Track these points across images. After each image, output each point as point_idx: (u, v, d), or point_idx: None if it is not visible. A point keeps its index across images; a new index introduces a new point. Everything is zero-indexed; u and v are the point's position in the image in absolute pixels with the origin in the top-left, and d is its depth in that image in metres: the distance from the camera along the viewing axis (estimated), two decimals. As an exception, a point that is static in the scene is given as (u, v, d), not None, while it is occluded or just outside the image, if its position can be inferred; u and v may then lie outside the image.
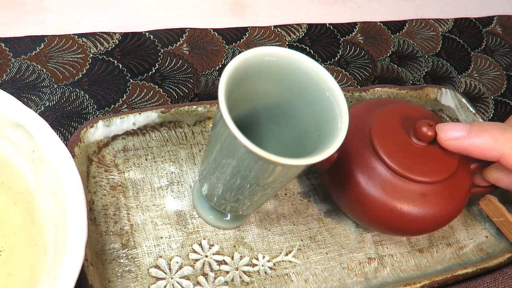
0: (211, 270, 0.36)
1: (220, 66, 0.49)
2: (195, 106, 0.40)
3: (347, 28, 0.57)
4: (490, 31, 0.64)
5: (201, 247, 0.37)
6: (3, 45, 0.43)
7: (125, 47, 0.47)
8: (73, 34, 0.46)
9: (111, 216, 0.36)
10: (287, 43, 0.54)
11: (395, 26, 0.60)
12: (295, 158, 0.26)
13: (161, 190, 0.38)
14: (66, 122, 0.41)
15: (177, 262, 0.36)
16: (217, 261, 0.37)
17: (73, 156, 0.35)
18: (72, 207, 0.27)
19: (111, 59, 0.46)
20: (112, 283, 0.34)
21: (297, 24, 0.55)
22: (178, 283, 0.35)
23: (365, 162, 0.35)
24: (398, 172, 0.34)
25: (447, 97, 0.50)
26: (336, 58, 0.54)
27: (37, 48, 0.44)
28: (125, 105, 0.44)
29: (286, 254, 0.39)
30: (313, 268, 0.39)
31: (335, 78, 0.28)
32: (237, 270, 0.37)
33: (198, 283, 0.36)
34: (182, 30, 0.50)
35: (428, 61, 0.58)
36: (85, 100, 0.43)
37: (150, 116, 0.39)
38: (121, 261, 0.35)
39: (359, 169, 0.35)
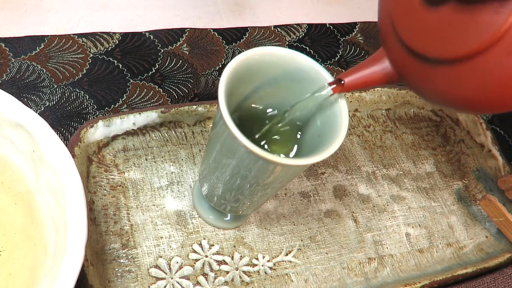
0: (211, 270, 0.36)
1: (220, 66, 0.49)
2: (195, 106, 0.40)
3: (347, 28, 0.57)
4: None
5: (201, 247, 0.37)
6: (3, 45, 0.43)
7: (125, 47, 0.47)
8: (73, 34, 0.46)
9: (111, 216, 0.36)
10: (287, 43, 0.54)
11: (395, 26, 0.59)
12: (295, 158, 0.26)
13: (161, 190, 0.38)
14: (66, 122, 0.41)
15: (177, 262, 0.36)
16: (217, 261, 0.37)
17: (73, 156, 0.35)
18: (72, 207, 0.27)
19: (111, 59, 0.46)
20: (112, 283, 0.34)
21: (297, 24, 0.55)
22: (178, 283, 0.35)
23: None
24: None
25: (447, 97, 0.50)
26: (336, 58, 0.54)
27: (37, 48, 0.44)
28: (125, 105, 0.44)
29: (286, 254, 0.39)
30: (313, 268, 0.39)
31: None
32: (237, 270, 0.37)
33: (198, 283, 0.36)
34: (182, 30, 0.50)
35: (428, 61, 0.58)
36: (85, 100, 0.43)
37: (150, 116, 0.39)
38: (121, 261, 0.35)
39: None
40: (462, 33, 0.22)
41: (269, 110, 0.32)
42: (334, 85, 0.27)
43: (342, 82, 0.27)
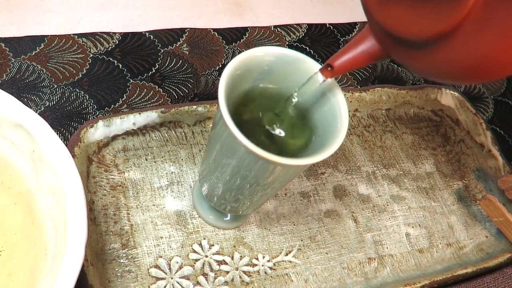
0: (211, 270, 0.36)
1: (220, 66, 0.49)
2: (195, 106, 0.40)
3: (347, 28, 0.57)
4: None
5: (201, 247, 0.37)
6: (3, 45, 0.43)
7: (125, 47, 0.47)
8: (73, 34, 0.46)
9: (111, 216, 0.36)
10: (287, 43, 0.53)
11: (395, 26, 0.59)
12: (295, 158, 0.26)
13: (161, 190, 0.38)
14: (66, 122, 0.41)
15: (177, 262, 0.36)
16: (217, 261, 0.37)
17: (73, 156, 0.35)
18: (72, 207, 0.27)
19: (111, 59, 0.46)
20: (112, 283, 0.34)
21: (297, 24, 0.55)
22: (178, 283, 0.35)
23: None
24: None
25: (447, 97, 0.50)
26: (336, 58, 0.54)
27: (37, 48, 0.44)
28: (125, 105, 0.44)
29: (286, 254, 0.39)
30: (313, 268, 0.39)
31: (335, 78, 0.28)
32: (237, 270, 0.37)
33: (198, 283, 0.36)
34: (182, 30, 0.50)
35: (428, 61, 0.58)
36: (85, 100, 0.43)
37: (150, 116, 0.39)
38: (121, 261, 0.35)
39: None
40: (428, 15, 0.23)
41: (276, 87, 0.31)
42: (325, 71, 0.27)
43: (331, 67, 0.27)
